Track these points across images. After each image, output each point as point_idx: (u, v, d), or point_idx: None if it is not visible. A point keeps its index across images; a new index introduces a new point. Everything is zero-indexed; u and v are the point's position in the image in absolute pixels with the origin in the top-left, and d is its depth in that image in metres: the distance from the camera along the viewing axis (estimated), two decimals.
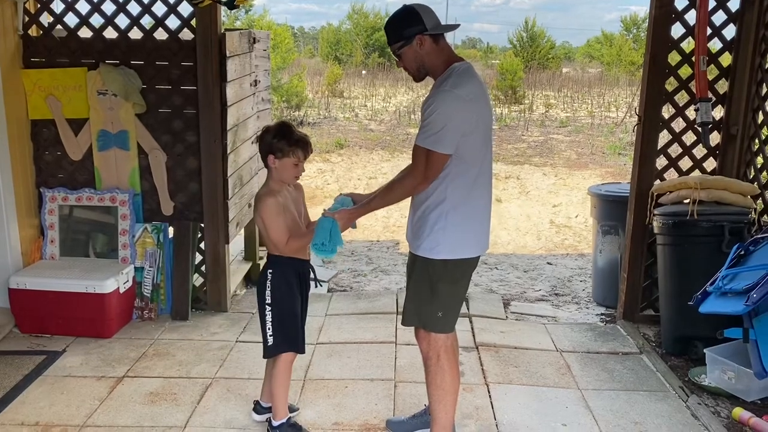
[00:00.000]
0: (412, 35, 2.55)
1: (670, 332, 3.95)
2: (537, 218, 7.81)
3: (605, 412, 3.27)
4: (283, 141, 2.72)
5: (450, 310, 2.71)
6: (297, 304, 2.88)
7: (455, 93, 2.48)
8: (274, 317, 2.83)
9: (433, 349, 2.71)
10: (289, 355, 2.89)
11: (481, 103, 2.56)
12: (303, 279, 2.91)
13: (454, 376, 2.74)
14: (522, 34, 33.07)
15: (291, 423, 2.97)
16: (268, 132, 2.77)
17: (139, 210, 4.29)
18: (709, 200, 3.83)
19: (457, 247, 2.61)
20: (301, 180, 2.94)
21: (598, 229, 4.82)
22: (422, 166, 2.51)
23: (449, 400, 2.74)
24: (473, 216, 2.62)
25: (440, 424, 2.77)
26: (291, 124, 2.83)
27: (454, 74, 2.55)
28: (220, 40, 4.07)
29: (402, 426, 3.06)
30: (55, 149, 4.27)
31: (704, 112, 3.94)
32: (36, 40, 4.16)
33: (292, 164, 2.75)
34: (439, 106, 2.46)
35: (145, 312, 4.26)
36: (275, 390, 2.91)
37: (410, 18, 2.56)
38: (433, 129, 2.46)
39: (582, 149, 11.96)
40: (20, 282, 3.96)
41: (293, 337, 2.88)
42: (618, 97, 19.66)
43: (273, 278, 2.83)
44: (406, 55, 2.60)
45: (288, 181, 2.83)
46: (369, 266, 5.77)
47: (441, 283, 2.64)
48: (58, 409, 3.19)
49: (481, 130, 2.57)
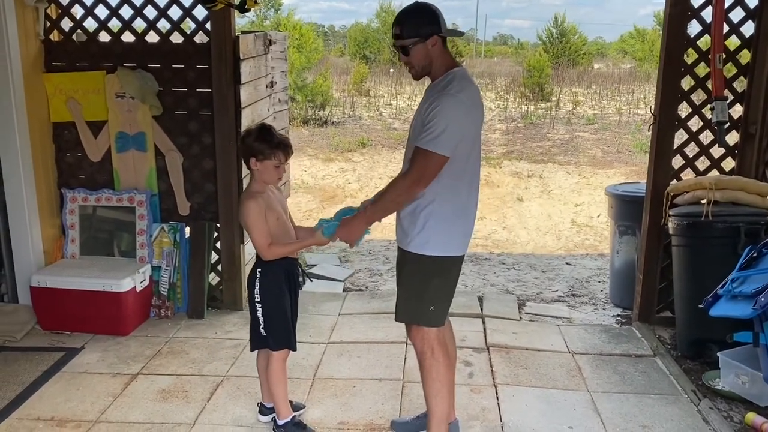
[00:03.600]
0: (429, 34, 2.56)
1: (684, 335, 3.89)
2: (558, 218, 7.74)
3: (613, 416, 3.24)
4: (264, 144, 2.76)
5: (441, 304, 2.75)
6: (286, 303, 2.93)
7: (459, 97, 2.51)
8: (264, 315, 2.90)
9: (427, 343, 2.75)
10: (281, 353, 2.94)
11: (478, 109, 2.63)
12: (292, 278, 2.96)
13: (449, 367, 2.80)
14: (552, 30, 32.74)
15: (296, 421, 3.01)
16: (249, 135, 2.81)
17: (156, 210, 4.38)
18: (724, 201, 3.76)
19: (448, 243, 2.65)
20: (323, 179, 2.99)
21: (616, 229, 4.77)
22: (420, 168, 2.52)
23: (445, 392, 2.79)
24: (462, 214, 2.66)
25: (437, 417, 2.81)
26: (271, 127, 2.87)
27: (456, 78, 2.57)
28: (234, 43, 4.13)
29: (406, 427, 3.08)
30: (75, 151, 4.38)
31: (720, 111, 3.87)
32: (57, 45, 4.27)
33: (274, 166, 2.80)
34: (444, 109, 2.48)
35: (162, 310, 4.35)
36: (273, 389, 2.96)
37: (430, 16, 2.57)
38: (436, 131, 2.47)
39: (608, 147, 11.80)
40: (41, 280, 4.07)
41: (285, 335, 2.93)
42: (648, 94, 19.32)
43: (262, 277, 2.88)
44: (418, 52, 2.60)
45: (270, 183, 2.87)
46: (386, 266, 5.79)
47: (433, 277, 2.68)
48: (73, 405, 3.28)
49: (473, 132, 2.63)
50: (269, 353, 2.96)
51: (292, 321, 3.00)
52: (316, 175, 9.59)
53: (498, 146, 11.97)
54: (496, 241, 6.90)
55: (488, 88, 22.02)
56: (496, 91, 21.15)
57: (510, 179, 9.45)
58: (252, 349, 3.05)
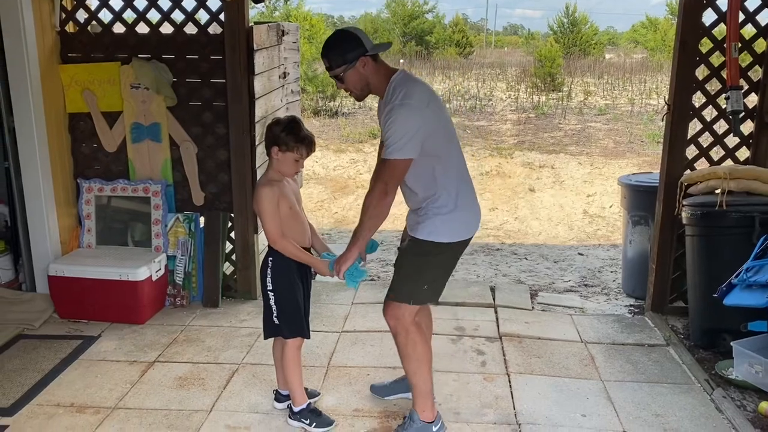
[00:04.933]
0: (356, 57, 2.65)
1: (698, 324, 3.89)
2: (570, 208, 7.73)
3: (626, 404, 3.26)
4: (290, 136, 2.79)
5: (434, 284, 2.84)
6: (299, 292, 2.96)
7: (408, 104, 2.60)
8: (277, 303, 2.93)
9: (401, 325, 2.81)
10: (295, 341, 2.98)
11: (432, 105, 2.68)
12: (303, 267, 2.98)
13: (425, 345, 2.87)
14: (563, 19, 32.54)
15: (311, 408, 3.05)
16: (278, 124, 2.83)
17: (171, 200, 4.42)
18: (739, 191, 3.75)
19: (455, 231, 2.76)
20: (334, 170, 3.03)
21: (628, 219, 4.76)
22: (385, 178, 2.62)
23: (425, 369, 2.87)
24: (463, 204, 2.77)
25: (422, 392, 2.89)
26: (300, 121, 2.90)
27: (397, 86, 2.66)
28: (247, 34, 4.15)
29: (385, 390, 3.26)
30: (91, 141, 4.42)
31: (735, 101, 3.85)
32: (72, 36, 4.31)
33: (294, 159, 2.83)
34: (396, 120, 2.58)
35: (177, 299, 4.40)
36: (289, 377, 3.00)
37: (351, 41, 2.68)
38: (395, 142, 2.57)
39: (620, 138, 11.75)
40: (59, 269, 4.13)
41: (298, 323, 2.97)
42: (660, 84, 19.19)
43: (273, 266, 2.92)
44: (351, 78, 2.70)
45: (287, 175, 2.90)
46: None
47: (437, 258, 2.77)
48: (92, 392, 3.34)
49: (441, 125, 2.71)
50: (284, 341, 2.99)
51: (306, 309, 3.03)
52: (328, 166, 9.61)
53: (509, 137, 11.94)
54: (507, 231, 6.90)
55: (499, 79, 21.94)
56: (507, 81, 21.07)
57: (521, 170, 9.44)
58: (266, 337, 3.09)
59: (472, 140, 11.45)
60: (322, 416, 3.06)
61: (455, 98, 16.42)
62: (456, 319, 4.23)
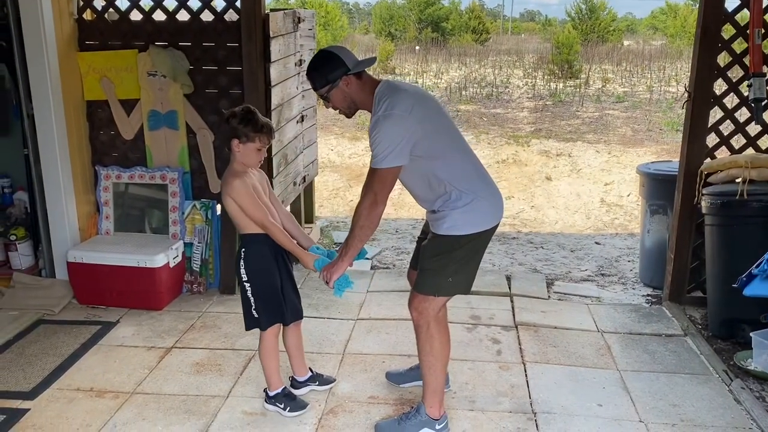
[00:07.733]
0: (339, 77, 2.66)
1: (716, 315, 3.86)
2: (587, 197, 7.66)
3: (643, 394, 3.24)
4: (249, 126, 2.77)
5: (459, 276, 2.80)
6: (275, 278, 2.93)
7: (390, 114, 2.58)
8: (254, 295, 2.92)
9: (423, 318, 2.80)
10: (273, 328, 2.98)
11: (420, 108, 2.65)
12: (280, 251, 2.94)
13: (444, 343, 2.86)
14: (581, 6, 32.14)
15: (286, 393, 3.07)
16: (234, 116, 2.80)
17: (188, 187, 4.44)
18: (760, 180, 3.70)
19: (475, 222, 2.73)
20: (349, 158, 3.01)
21: (647, 208, 4.72)
22: (374, 188, 2.61)
23: (439, 366, 2.86)
24: (480, 194, 2.73)
25: (432, 388, 2.89)
26: (255, 110, 2.86)
27: (382, 97, 2.65)
28: (264, 21, 4.14)
29: (400, 377, 3.29)
30: (109, 129, 4.45)
31: (758, 88, 3.78)
32: (90, 24, 4.32)
33: (256, 149, 2.82)
34: (381, 131, 2.58)
35: (194, 286, 4.43)
36: (264, 362, 3.02)
37: (332, 62, 2.68)
38: (381, 152, 2.57)
39: (638, 125, 11.61)
40: (77, 256, 4.17)
41: (276, 309, 2.96)
42: (680, 71, 18.93)
43: (246, 256, 2.90)
44: (336, 97, 2.72)
45: (251, 165, 2.88)
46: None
47: (458, 251, 2.74)
48: (111, 377, 3.38)
49: (432, 127, 2.68)
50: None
51: (294, 292, 3.03)
52: (343, 153, 9.59)
53: (526, 124, 11.84)
54: (524, 220, 6.86)
55: (516, 66, 21.75)
56: (523, 68, 20.88)
57: (538, 158, 9.36)
58: (247, 328, 3.04)
59: (489, 128, 11.38)
60: (297, 400, 3.07)
61: (471, 85, 16.31)
62: (471, 308, 4.22)
